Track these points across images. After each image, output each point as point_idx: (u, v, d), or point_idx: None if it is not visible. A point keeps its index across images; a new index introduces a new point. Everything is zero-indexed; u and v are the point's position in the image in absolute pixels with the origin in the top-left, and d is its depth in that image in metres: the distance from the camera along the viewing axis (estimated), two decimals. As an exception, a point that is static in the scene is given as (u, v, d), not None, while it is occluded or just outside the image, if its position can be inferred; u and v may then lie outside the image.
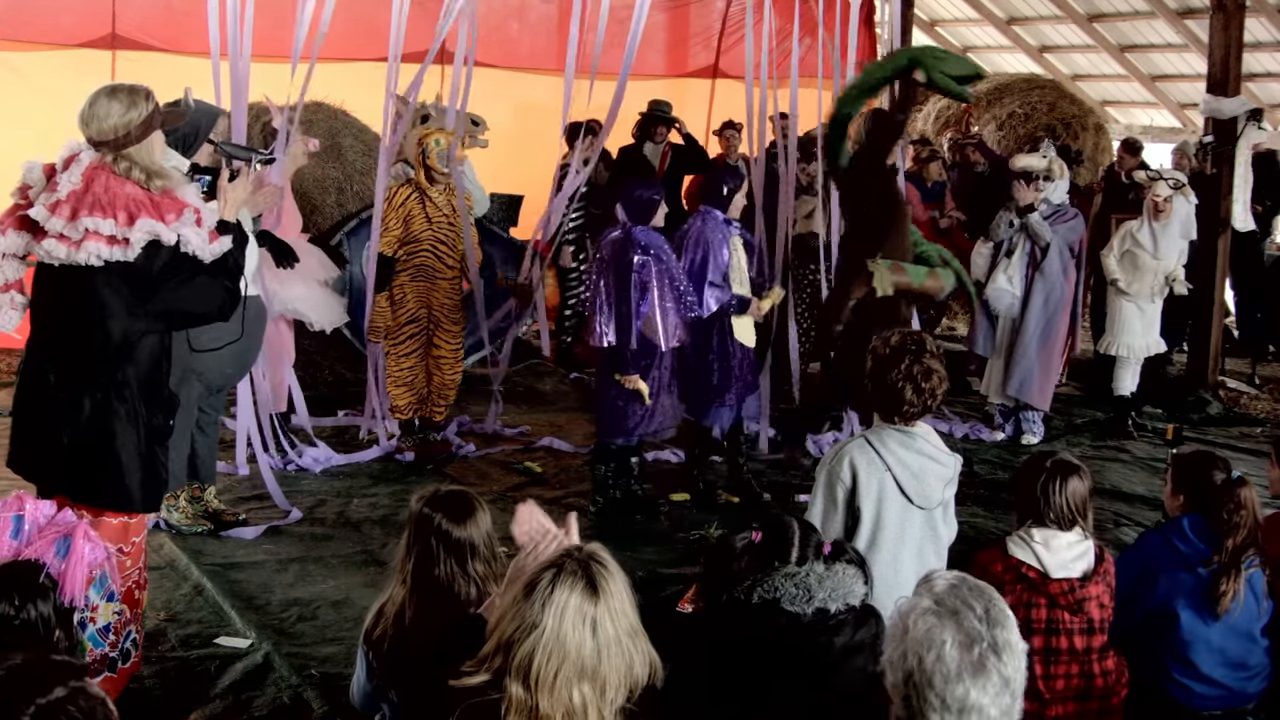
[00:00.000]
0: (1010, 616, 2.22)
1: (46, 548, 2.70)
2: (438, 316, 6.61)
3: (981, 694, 2.13)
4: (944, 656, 2.15)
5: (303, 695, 4.00)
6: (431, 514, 3.04)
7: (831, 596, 2.65)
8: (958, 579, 2.27)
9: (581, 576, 2.26)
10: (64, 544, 2.72)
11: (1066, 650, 3.52)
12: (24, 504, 2.87)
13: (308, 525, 5.65)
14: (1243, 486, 3.77)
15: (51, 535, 2.73)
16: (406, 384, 6.65)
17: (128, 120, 3.70)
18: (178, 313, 3.83)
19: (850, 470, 3.64)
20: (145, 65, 8.32)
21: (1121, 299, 7.76)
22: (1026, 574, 3.53)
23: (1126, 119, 14.93)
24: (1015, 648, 2.18)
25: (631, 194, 5.67)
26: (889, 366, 3.69)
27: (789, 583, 2.65)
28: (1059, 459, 3.67)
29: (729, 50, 11.39)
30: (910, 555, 3.66)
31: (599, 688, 2.23)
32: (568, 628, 2.21)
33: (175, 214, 3.70)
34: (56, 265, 3.61)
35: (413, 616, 3.02)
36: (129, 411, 3.73)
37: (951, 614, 2.18)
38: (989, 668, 2.14)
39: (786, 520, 2.80)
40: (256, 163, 5.31)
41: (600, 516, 5.82)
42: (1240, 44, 8.68)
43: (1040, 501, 3.56)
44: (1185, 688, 3.75)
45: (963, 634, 2.15)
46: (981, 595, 2.22)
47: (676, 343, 5.68)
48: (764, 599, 2.65)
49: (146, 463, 3.76)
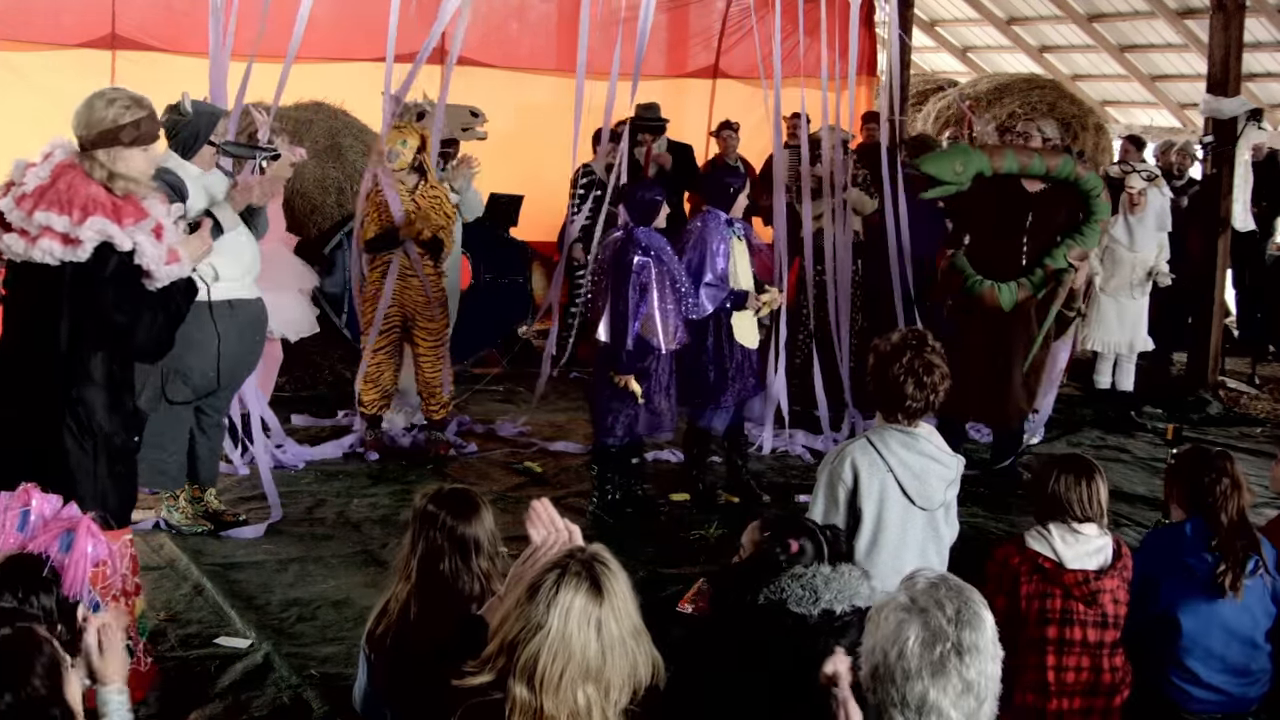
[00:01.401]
0: (984, 620, 2.20)
1: (51, 541, 2.70)
2: (412, 314, 6.61)
3: (941, 695, 2.12)
4: (906, 653, 2.15)
5: (303, 695, 4.00)
6: (437, 511, 3.07)
7: (838, 598, 2.65)
8: (938, 578, 2.27)
9: (586, 577, 2.26)
10: (67, 538, 2.72)
11: (1079, 642, 3.53)
12: (31, 498, 2.88)
13: (308, 525, 5.64)
14: (1225, 459, 3.80)
15: (56, 529, 2.74)
16: (373, 380, 6.67)
17: (116, 120, 3.66)
18: (112, 331, 3.69)
19: (852, 471, 3.64)
20: (145, 65, 8.32)
21: (1100, 295, 7.85)
22: (1043, 565, 3.56)
23: (1126, 119, 14.92)
24: (983, 651, 2.16)
25: (634, 195, 5.69)
26: (890, 362, 3.69)
27: (796, 584, 2.65)
28: (1076, 459, 3.70)
29: (729, 50, 11.38)
30: (912, 556, 3.67)
31: (604, 689, 2.23)
32: (573, 628, 2.21)
33: (133, 219, 3.62)
34: (18, 262, 3.58)
35: (417, 612, 3.03)
36: (83, 429, 3.65)
37: (920, 612, 2.18)
38: (949, 669, 2.13)
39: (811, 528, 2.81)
40: (261, 160, 5.31)
41: (600, 516, 5.81)
42: (1240, 44, 8.68)
43: (1061, 502, 3.58)
44: (1184, 692, 3.75)
45: (928, 632, 2.15)
46: (957, 597, 2.21)
47: (677, 345, 5.67)
48: (770, 600, 2.65)
49: (105, 484, 3.70)
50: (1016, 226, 6.19)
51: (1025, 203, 6.18)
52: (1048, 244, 6.16)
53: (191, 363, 5.14)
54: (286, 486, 6.00)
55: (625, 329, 5.48)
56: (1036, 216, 6.20)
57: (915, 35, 13.06)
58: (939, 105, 12.86)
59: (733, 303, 5.86)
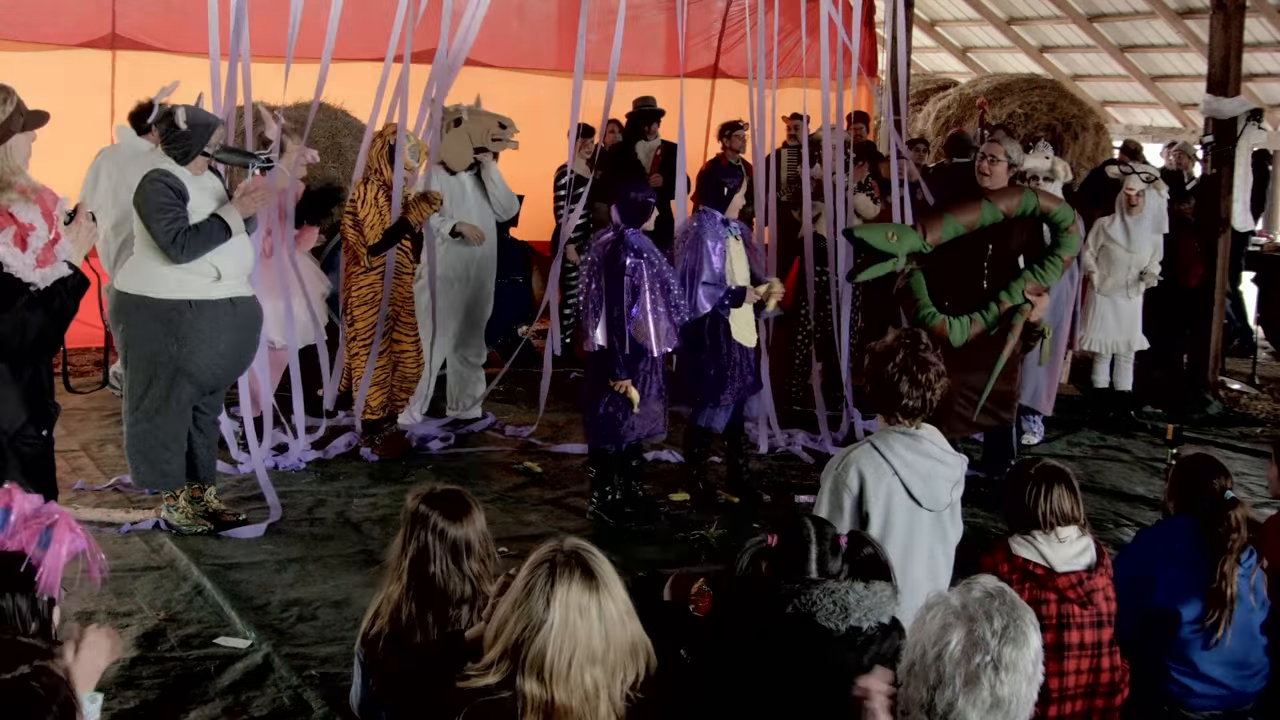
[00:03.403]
0: (1030, 640, 2.18)
1: (30, 539, 2.69)
2: (396, 310, 6.67)
3: (969, 706, 2.11)
4: (944, 656, 2.14)
5: (303, 696, 4.00)
6: (428, 512, 3.05)
7: (866, 616, 2.60)
8: (997, 590, 2.24)
9: (577, 566, 2.33)
10: (47, 535, 2.72)
11: (1078, 645, 3.51)
12: (13, 497, 2.87)
13: (308, 525, 5.64)
14: (1236, 508, 3.74)
15: (35, 527, 2.73)
16: (378, 383, 6.69)
17: None
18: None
19: (857, 477, 3.62)
20: (145, 65, 8.31)
21: (1096, 294, 7.86)
22: (1034, 571, 3.53)
23: (1126, 119, 14.92)
24: (1020, 671, 2.15)
25: (626, 196, 5.65)
26: (884, 361, 3.69)
27: (827, 599, 2.59)
28: (1043, 466, 3.65)
29: (729, 50, 11.38)
30: (920, 559, 3.66)
31: (609, 670, 2.29)
32: (574, 617, 2.27)
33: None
34: None
35: (409, 614, 3.03)
36: None
37: (969, 620, 2.16)
38: (982, 681, 2.11)
39: (802, 522, 2.76)
40: (255, 168, 5.30)
41: (600, 517, 5.81)
42: (1240, 44, 8.68)
43: (1032, 515, 3.55)
44: (1184, 687, 3.73)
45: (969, 641, 2.14)
46: (1009, 612, 2.19)
47: (668, 348, 5.65)
48: (799, 611, 2.61)
49: (16, 478, 3.66)
50: (977, 257, 5.94)
51: (983, 234, 5.87)
52: (1007, 274, 5.90)
53: (201, 362, 5.16)
54: (286, 486, 6.00)
55: (623, 333, 5.47)
56: (996, 247, 5.94)
57: (915, 35, 13.05)
58: (939, 105, 12.87)
59: (731, 300, 5.85)
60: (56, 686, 1.98)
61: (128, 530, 5.40)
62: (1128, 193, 7.77)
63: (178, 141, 5.03)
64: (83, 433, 6.77)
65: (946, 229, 5.65)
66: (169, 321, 5.08)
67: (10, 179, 3.66)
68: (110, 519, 5.52)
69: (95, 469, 6.22)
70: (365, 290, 6.59)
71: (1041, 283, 5.87)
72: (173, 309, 5.09)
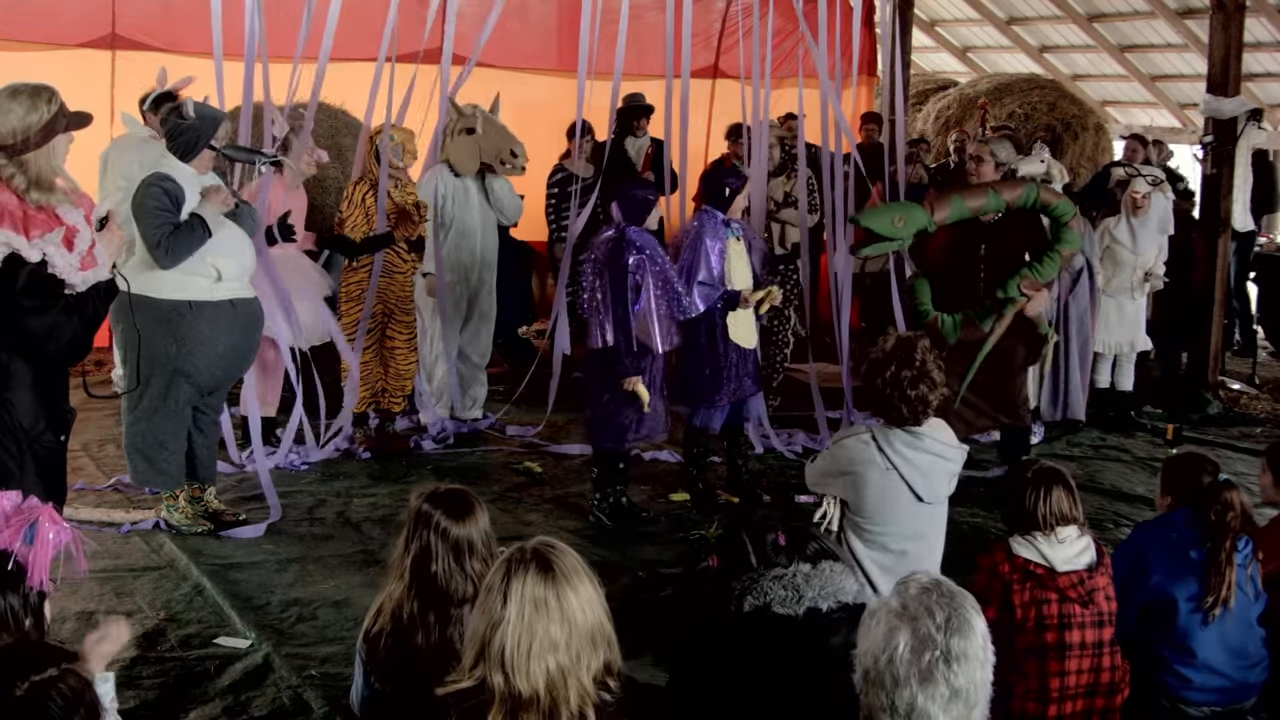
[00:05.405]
0: (974, 627, 2.22)
1: (15, 536, 2.69)
2: (392, 309, 6.69)
3: (929, 701, 2.16)
4: (895, 660, 2.18)
5: (303, 695, 4.00)
6: (431, 511, 3.05)
7: (821, 595, 2.64)
8: (932, 583, 2.28)
9: (532, 560, 2.35)
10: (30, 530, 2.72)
11: (1079, 645, 3.52)
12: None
13: (308, 525, 5.64)
14: (1229, 489, 3.75)
15: (19, 524, 2.73)
16: (367, 382, 6.72)
17: (27, 124, 3.59)
18: (27, 337, 3.68)
19: (852, 464, 3.67)
20: (145, 65, 8.29)
21: (1102, 295, 7.85)
22: (1035, 571, 3.53)
23: (1126, 119, 14.91)
24: (972, 658, 2.19)
25: (627, 194, 5.66)
26: (878, 372, 3.72)
27: (777, 585, 2.64)
28: (1041, 467, 3.66)
29: (729, 50, 11.37)
30: (922, 548, 3.68)
31: (573, 655, 2.30)
32: (529, 610, 2.29)
33: (41, 230, 3.58)
34: None
35: (411, 613, 3.03)
36: (6, 429, 3.65)
37: (911, 619, 2.20)
38: (936, 676, 2.16)
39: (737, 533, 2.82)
40: (261, 165, 5.30)
41: (600, 517, 5.81)
42: (1240, 44, 8.68)
43: (1029, 513, 3.56)
44: (1184, 678, 3.70)
45: (916, 640, 2.18)
46: (949, 603, 2.23)
47: (670, 345, 5.65)
48: (755, 606, 2.64)
49: (32, 482, 3.68)
50: (971, 257, 5.98)
51: (979, 233, 5.94)
52: (1007, 271, 5.92)
53: (198, 363, 5.16)
54: (286, 486, 6.00)
55: (629, 332, 5.47)
56: (991, 247, 5.97)
57: (915, 35, 13.05)
58: (939, 105, 12.87)
59: (724, 303, 5.86)
60: (82, 690, 2.05)
61: (128, 530, 5.40)
62: (1133, 195, 7.74)
63: (183, 134, 5.02)
64: (83, 433, 6.75)
65: (954, 209, 5.74)
66: (169, 322, 5.09)
67: (52, 179, 3.67)
68: (110, 519, 5.52)
69: (95, 469, 6.22)
70: (353, 287, 6.66)
71: (1038, 278, 5.90)
72: (173, 310, 5.09)
